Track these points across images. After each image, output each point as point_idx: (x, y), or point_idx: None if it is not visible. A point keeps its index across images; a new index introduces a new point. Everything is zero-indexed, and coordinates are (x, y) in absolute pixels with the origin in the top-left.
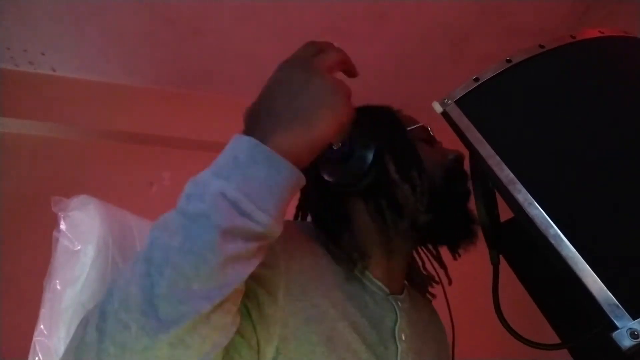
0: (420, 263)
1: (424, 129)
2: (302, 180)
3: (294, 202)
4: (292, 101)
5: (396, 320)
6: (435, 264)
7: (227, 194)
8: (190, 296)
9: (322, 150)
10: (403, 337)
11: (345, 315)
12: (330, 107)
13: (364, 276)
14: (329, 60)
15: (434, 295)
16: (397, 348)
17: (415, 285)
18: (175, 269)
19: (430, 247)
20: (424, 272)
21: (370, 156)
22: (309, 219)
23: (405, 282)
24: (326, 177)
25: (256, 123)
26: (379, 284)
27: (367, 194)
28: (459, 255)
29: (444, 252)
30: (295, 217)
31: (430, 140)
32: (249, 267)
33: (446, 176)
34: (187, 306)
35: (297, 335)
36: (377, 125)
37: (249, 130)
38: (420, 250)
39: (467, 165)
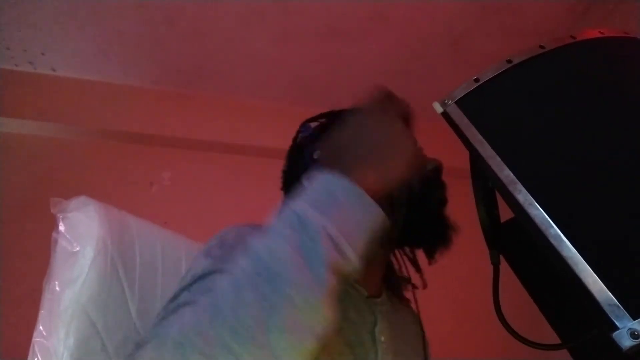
0: (397, 266)
1: None
2: (387, 222)
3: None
4: (372, 143)
5: (375, 323)
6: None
7: (329, 232)
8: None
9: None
10: (382, 339)
11: None
12: (404, 150)
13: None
14: (401, 109)
15: (408, 300)
16: (376, 350)
17: (392, 287)
18: (287, 300)
19: (407, 250)
20: (401, 275)
21: None
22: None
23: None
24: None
25: (337, 159)
26: (358, 287)
27: None
28: (435, 260)
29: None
30: None
31: None
32: None
33: (424, 184)
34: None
35: None
36: None
37: (330, 165)
38: (397, 253)
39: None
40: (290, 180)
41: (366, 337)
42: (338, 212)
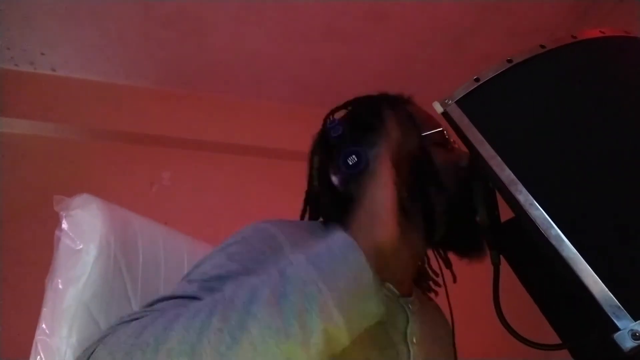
0: (425, 261)
1: (440, 132)
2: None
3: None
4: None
5: (407, 323)
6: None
7: (317, 287)
8: None
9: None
10: (414, 340)
11: None
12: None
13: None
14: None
15: (436, 293)
16: (409, 351)
17: (418, 282)
18: (247, 336)
19: (440, 251)
20: (429, 271)
21: None
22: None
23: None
24: (340, 188)
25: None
26: (390, 286)
27: None
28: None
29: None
30: (302, 216)
31: (445, 143)
32: None
33: (461, 186)
34: None
35: None
36: (392, 131)
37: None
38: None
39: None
40: (318, 179)
41: (398, 338)
42: (332, 272)
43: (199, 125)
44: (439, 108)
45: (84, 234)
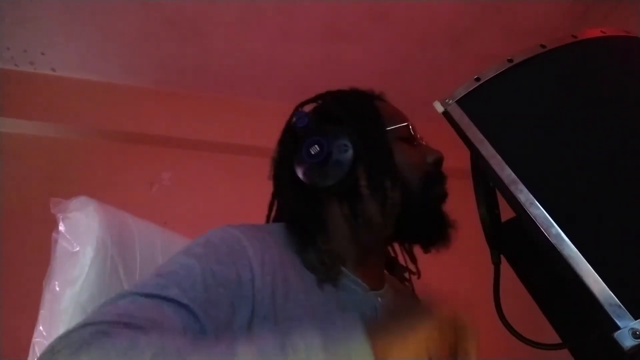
0: (394, 253)
1: (405, 127)
2: None
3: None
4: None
5: (376, 315)
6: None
7: None
8: None
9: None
10: None
11: (323, 320)
12: None
13: (341, 276)
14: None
15: (411, 284)
16: None
17: (395, 274)
18: None
19: (404, 244)
20: (401, 264)
21: (347, 162)
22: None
23: (386, 272)
24: (302, 178)
25: None
26: (358, 280)
27: (342, 198)
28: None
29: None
30: (267, 217)
31: (411, 139)
32: None
33: (424, 181)
34: None
35: None
36: (356, 123)
37: None
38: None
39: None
40: (281, 171)
41: None
42: None
43: (199, 125)
44: (439, 107)
45: (80, 236)
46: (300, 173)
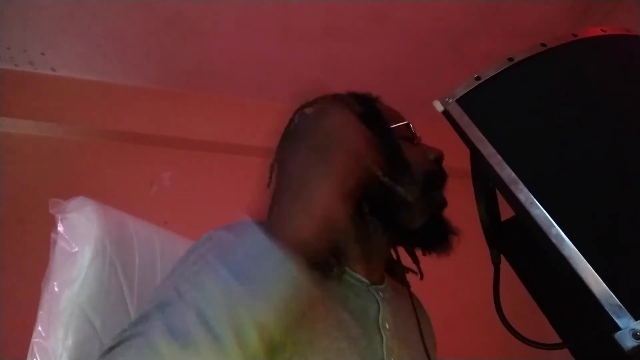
0: (395, 256)
1: (406, 126)
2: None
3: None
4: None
5: (379, 310)
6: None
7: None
8: None
9: None
10: (387, 326)
11: (328, 314)
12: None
13: (343, 272)
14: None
15: (408, 285)
16: (382, 338)
17: (394, 275)
18: None
19: (405, 247)
20: (401, 264)
21: None
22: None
23: (385, 272)
24: None
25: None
26: (359, 276)
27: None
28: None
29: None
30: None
31: (412, 138)
32: None
33: (426, 182)
34: None
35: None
36: (365, 123)
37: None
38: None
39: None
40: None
41: (370, 326)
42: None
43: (199, 125)
44: (439, 106)
45: (79, 236)
46: None
